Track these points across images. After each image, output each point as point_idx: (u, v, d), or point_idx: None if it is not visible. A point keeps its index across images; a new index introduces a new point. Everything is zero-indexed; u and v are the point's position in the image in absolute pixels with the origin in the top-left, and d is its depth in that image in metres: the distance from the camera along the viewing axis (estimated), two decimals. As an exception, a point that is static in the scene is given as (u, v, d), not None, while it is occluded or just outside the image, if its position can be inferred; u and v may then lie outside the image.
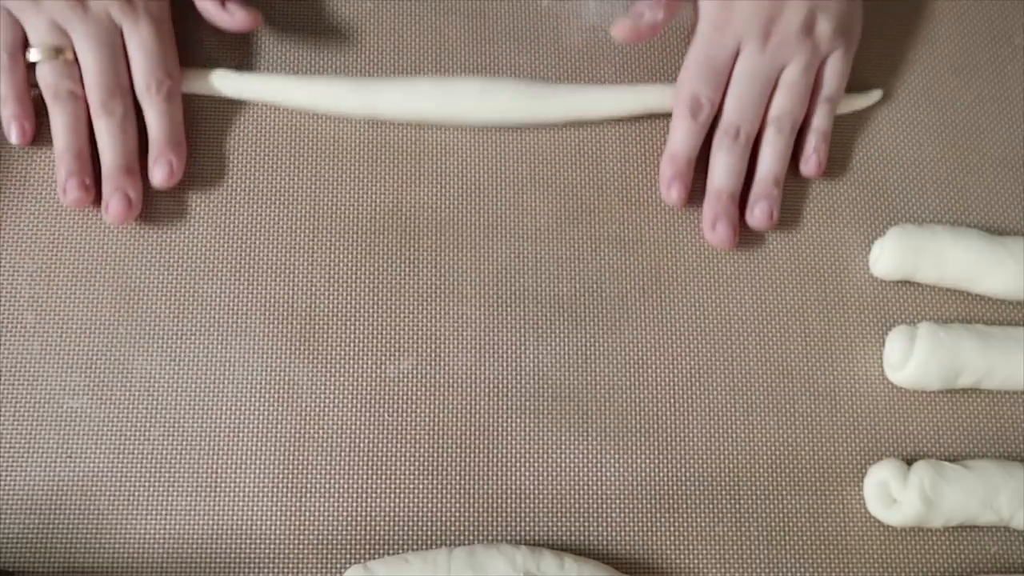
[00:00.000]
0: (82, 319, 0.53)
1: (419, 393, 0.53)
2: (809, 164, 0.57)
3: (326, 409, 0.52)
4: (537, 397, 0.53)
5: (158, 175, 0.53)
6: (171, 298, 0.53)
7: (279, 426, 0.52)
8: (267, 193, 0.56)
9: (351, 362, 0.53)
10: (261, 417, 0.52)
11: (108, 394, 0.52)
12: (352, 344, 0.53)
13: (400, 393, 0.53)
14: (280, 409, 0.52)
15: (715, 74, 0.55)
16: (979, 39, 0.62)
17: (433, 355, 0.54)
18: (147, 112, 0.54)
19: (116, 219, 0.53)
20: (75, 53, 0.53)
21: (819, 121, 0.57)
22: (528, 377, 0.54)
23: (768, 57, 0.55)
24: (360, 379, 0.53)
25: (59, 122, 0.53)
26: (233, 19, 0.54)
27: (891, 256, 0.55)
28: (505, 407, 0.53)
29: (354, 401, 0.53)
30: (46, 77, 0.53)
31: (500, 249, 0.56)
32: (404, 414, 0.53)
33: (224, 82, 0.56)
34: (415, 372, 0.53)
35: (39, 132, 0.54)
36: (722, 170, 0.55)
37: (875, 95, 0.59)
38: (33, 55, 0.53)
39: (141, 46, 0.54)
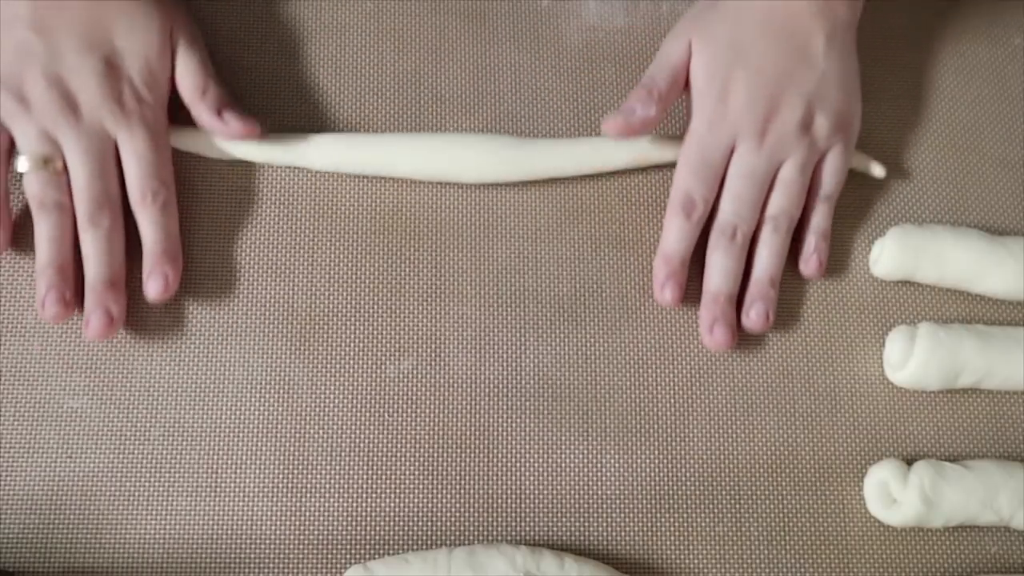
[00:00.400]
0: (82, 319, 0.53)
1: (419, 393, 0.53)
2: (810, 265, 0.55)
3: (326, 409, 0.52)
4: (537, 397, 0.53)
5: (152, 289, 0.51)
6: (171, 298, 0.53)
7: (279, 426, 0.52)
8: (267, 193, 0.56)
9: (351, 362, 0.53)
10: (261, 417, 0.52)
11: (108, 394, 0.52)
12: (352, 344, 0.53)
13: (400, 393, 0.53)
14: (280, 409, 0.52)
15: (710, 173, 0.53)
16: (979, 40, 0.62)
17: (433, 355, 0.54)
18: (141, 223, 0.52)
19: (95, 336, 0.50)
20: (64, 162, 0.51)
21: (818, 220, 0.55)
22: (528, 377, 0.54)
23: (765, 155, 0.53)
24: (360, 379, 0.53)
25: (43, 233, 0.51)
26: (229, 129, 0.53)
27: (891, 256, 0.55)
28: (505, 407, 0.53)
29: (354, 401, 0.53)
30: (33, 187, 0.51)
31: (500, 249, 0.56)
32: (404, 414, 0.53)
33: (221, 147, 0.55)
34: (415, 372, 0.53)
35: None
36: (719, 273, 0.53)
37: (878, 171, 0.57)
38: (21, 165, 0.51)
39: (135, 155, 0.52)
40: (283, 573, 0.50)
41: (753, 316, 0.54)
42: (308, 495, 0.51)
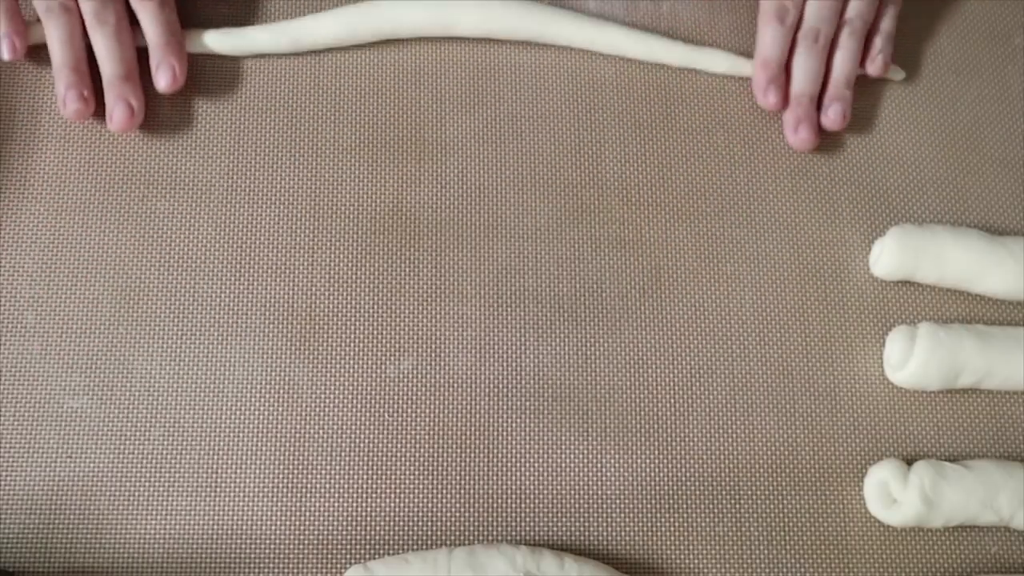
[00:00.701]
0: (82, 319, 0.53)
1: (419, 393, 0.53)
2: (876, 64, 0.58)
3: (326, 409, 0.52)
4: (537, 397, 0.53)
5: (162, 80, 0.54)
6: (171, 298, 0.53)
7: (279, 426, 0.52)
8: (267, 193, 0.56)
9: (351, 362, 0.53)
10: (261, 417, 0.52)
11: (108, 394, 0.52)
12: (352, 344, 0.53)
13: (400, 393, 0.53)
14: (280, 409, 0.52)
15: None
16: (979, 39, 0.62)
17: (433, 355, 0.54)
18: (142, 19, 0.54)
19: (120, 127, 0.54)
20: None
21: (886, 24, 0.59)
22: (528, 377, 0.54)
23: None
24: (360, 379, 0.53)
25: (54, 36, 0.53)
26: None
27: (891, 256, 0.55)
28: (505, 407, 0.53)
29: (354, 401, 0.53)
30: None
31: (500, 249, 0.56)
32: (404, 414, 0.53)
33: (222, 38, 0.57)
34: (415, 372, 0.53)
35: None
36: (804, 74, 0.57)
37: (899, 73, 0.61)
38: None
39: None
40: (283, 573, 0.50)
41: (831, 115, 0.57)
42: (308, 495, 0.51)
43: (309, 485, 0.51)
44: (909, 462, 0.53)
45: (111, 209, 0.55)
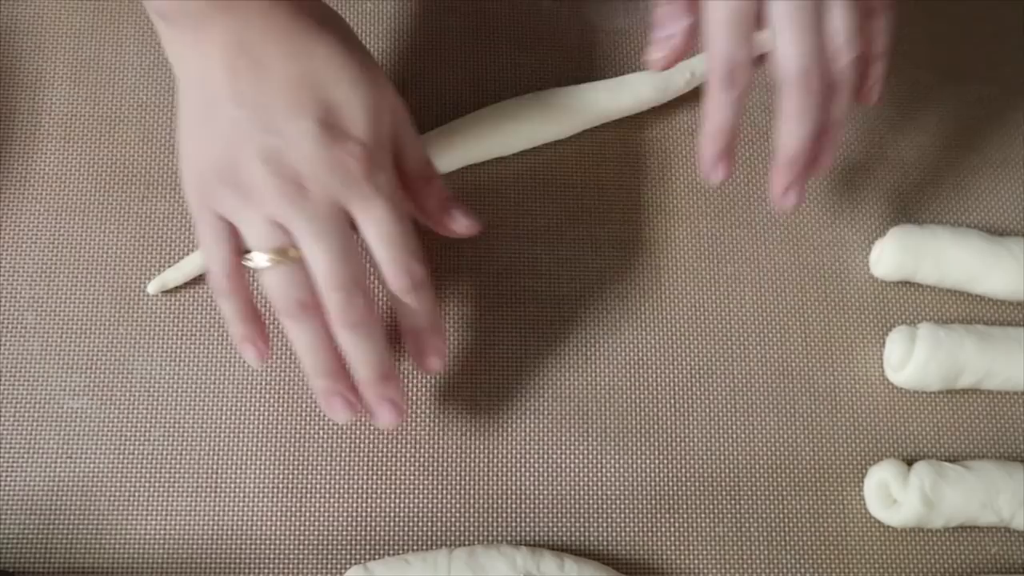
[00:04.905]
0: (82, 319, 0.53)
1: (419, 393, 0.53)
2: (872, 94, 0.47)
3: (326, 409, 0.52)
4: (537, 397, 0.53)
5: (434, 364, 0.48)
6: (171, 298, 0.53)
7: (279, 426, 0.52)
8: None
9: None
10: (261, 417, 0.52)
11: (108, 394, 0.52)
12: (352, 344, 0.53)
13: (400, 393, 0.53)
14: (280, 409, 0.52)
15: (747, 23, 0.44)
16: (979, 40, 0.62)
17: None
18: (403, 309, 0.47)
19: (388, 426, 0.48)
20: (298, 249, 0.44)
21: (880, 43, 0.47)
22: (528, 377, 0.54)
23: None
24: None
25: (300, 341, 0.45)
26: (457, 227, 0.50)
27: (891, 256, 0.55)
28: (505, 407, 0.53)
29: (354, 401, 0.53)
30: (274, 288, 0.44)
31: (500, 249, 0.56)
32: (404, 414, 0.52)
33: None
34: (415, 372, 0.53)
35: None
36: (797, 137, 0.45)
37: None
38: (256, 261, 0.44)
39: (380, 235, 0.44)
40: (283, 573, 0.50)
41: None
42: (308, 495, 0.51)
43: (309, 485, 0.51)
44: (909, 462, 0.53)
45: (111, 209, 0.55)
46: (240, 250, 0.45)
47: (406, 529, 0.51)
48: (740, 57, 0.44)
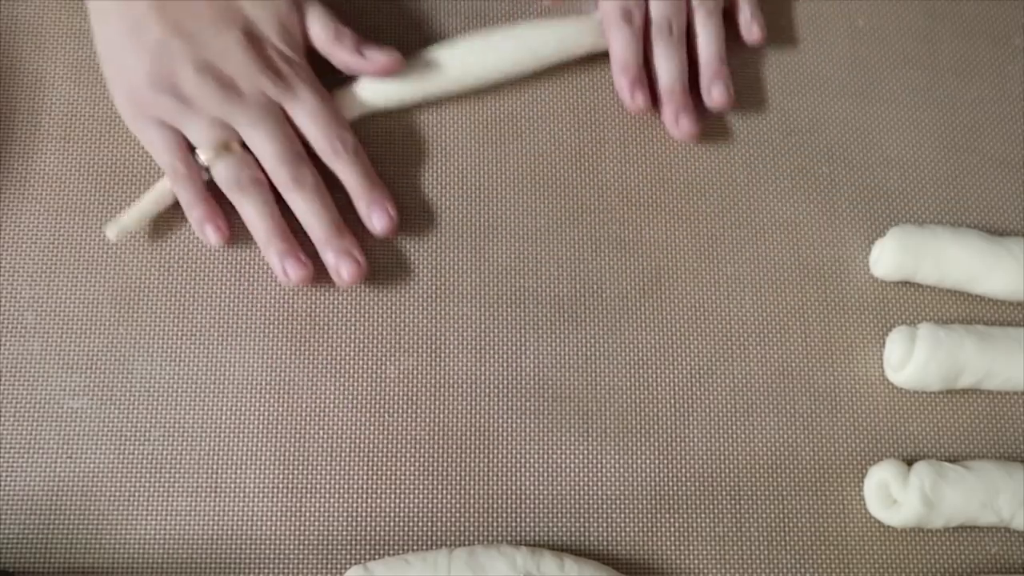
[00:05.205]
0: (82, 319, 0.53)
1: (419, 393, 0.53)
2: (753, 31, 0.58)
3: (326, 409, 0.52)
4: (537, 397, 0.53)
5: (379, 224, 0.53)
6: (171, 298, 0.53)
7: (279, 426, 0.52)
8: (267, 193, 0.56)
9: (351, 362, 0.53)
10: (261, 417, 0.52)
11: (108, 394, 0.52)
12: (352, 344, 0.53)
13: (400, 393, 0.53)
14: (280, 409, 0.52)
15: None
16: (979, 40, 0.62)
17: (433, 355, 0.54)
18: (340, 173, 0.53)
19: (352, 281, 0.52)
20: (242, 142, 0.51)
21: None
22: (528, 377, 0.54)
23: None
24: (360, 379, 0.53)
25: (251, 211, 0.51)
26: (373, 64, 0.54)
27: (891, 256, 0.55)
28: (505, 407, 0.53)
29: (354, 401, 0.53)
30: (222, 173, 0.51)
31: (500, 249, 0.56)
32: (404, 414, 0.53)
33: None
34: (415, 372, 0.53)
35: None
36: (668, 67, 0.56)
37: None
38: (203, 157, 0.51)
39: (308, 113, 0.52)
40: (283, 573, 0.50)
41: (715, 95, 0.56)
42: (308, 495, 0.51)
43: (309, 485, 0.51)
44: (909, 463, 0.53)
45: (111, 209, 0.55)
46: (186, 144, 0.51)
47: (406, 529, 0.51)
48: (632, 2, 0.55)
